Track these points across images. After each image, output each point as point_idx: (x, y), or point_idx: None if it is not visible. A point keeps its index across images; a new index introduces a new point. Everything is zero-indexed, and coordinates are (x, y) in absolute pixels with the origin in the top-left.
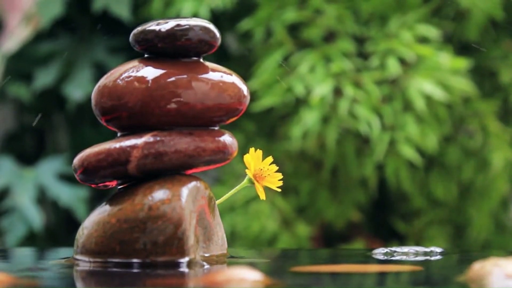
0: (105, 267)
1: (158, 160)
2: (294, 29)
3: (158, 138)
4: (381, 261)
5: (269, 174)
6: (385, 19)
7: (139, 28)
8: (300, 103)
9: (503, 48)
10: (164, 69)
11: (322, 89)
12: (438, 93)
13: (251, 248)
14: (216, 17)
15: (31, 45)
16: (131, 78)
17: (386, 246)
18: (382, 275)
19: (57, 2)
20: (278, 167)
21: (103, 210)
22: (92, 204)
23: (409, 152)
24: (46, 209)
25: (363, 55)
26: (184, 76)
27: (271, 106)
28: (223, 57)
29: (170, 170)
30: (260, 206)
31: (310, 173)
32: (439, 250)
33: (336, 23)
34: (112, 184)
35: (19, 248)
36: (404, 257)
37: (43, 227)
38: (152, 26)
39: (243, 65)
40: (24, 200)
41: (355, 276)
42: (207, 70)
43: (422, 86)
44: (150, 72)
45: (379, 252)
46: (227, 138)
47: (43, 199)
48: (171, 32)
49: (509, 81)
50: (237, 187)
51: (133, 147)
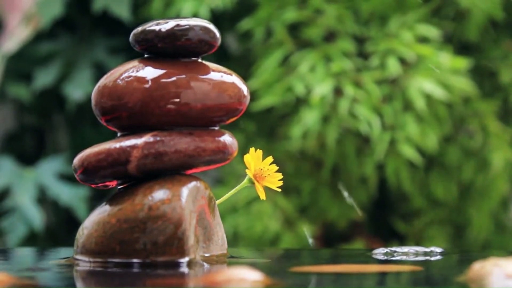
0: (105, 267)
1: (158, 160)
2: (294, 29)
3: (158, 138)
4: (381, 261)
5: (269, 174)
6: (385, 19)
7: (139, 28)
8: (300, 103)
9: (503, 48)
10: (164, 69)
11: (322, 89)
12: (438, 92)
13: (254, 249)
14: (216, 17)
15: (31, 45)
16: (131, 78)
17: (386, 246)
18: (382, 275)
19: (57, 2)
20: (279, 167)
21: (103, 210)
22: (92, 204)
23: (409, 152)
24: (47, 209)
25: (363, 55)
26: (184, 76)
27: (271, 106)
28: (223, 57)
29: (170, 170)
30: (262, 207)
31: (311, 173)
32: (439, 250)
33: (336, 23)
34: (112, 184)
35: (20, 248)
36: (404, 257)
37: (44, 227)
38: (152, 26)
39: (243, 65)
40: (25, 200)
41: (355, 276)
42: (207, 70)
43: (422, 86)
44: (150, 72)
45: (379, 252)
46: (227, 138)
47: (44, 199)
48: (171, 32)
49: (509, 81)
50: (237, 187)
51: (133, 147)
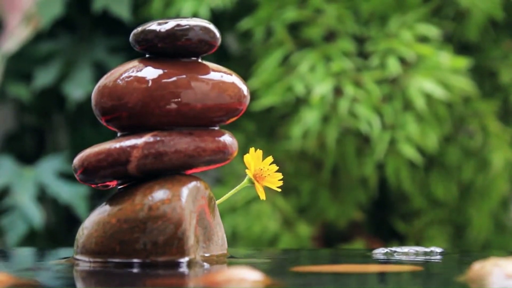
0: (105, 267)
1: (158, 160)
2: (294, 29)
3: (158, 138)
4: (381, 261)
5: (269, 174)
6: (385, 19)
7: (139, 28)
8: (300, 103)
9: (503, 48)
10: (164, 69)
11: (322, 89)
12: (438, 92)
13: (253, 249)
14: (216, 17)
15: (31, 45)
16: (131, 78)
17: (386, 246)
18: (382, 275)
19: (57, 2)
20: (278, 167)
21: (103, 210)
22: (92, 202)
23: (410, 152)
24: (46, 207)
25: (363, 55)
26: (184, 76)
27: (271, 106)
28: (223, 57)
29: (170, 170)
30: (261, 207)
31: (311, 173)
32: (439, 250)
33: (336, 23)
34: (112, 184)
35: (19, 248)
36: (404, 257)
37: (44, 226)
38: (152, 26)
39: (243, 65)
40: (24, 199)
41: (355, 276)
42: (207, 70)
43: (422, 85)
44: (150, 72)
45: (379, 252)
46: (227, 138)
47: (43, 198)
48: (171, 32)
49: (509, 81)
50: (237, 187)
51: (133, 147)
